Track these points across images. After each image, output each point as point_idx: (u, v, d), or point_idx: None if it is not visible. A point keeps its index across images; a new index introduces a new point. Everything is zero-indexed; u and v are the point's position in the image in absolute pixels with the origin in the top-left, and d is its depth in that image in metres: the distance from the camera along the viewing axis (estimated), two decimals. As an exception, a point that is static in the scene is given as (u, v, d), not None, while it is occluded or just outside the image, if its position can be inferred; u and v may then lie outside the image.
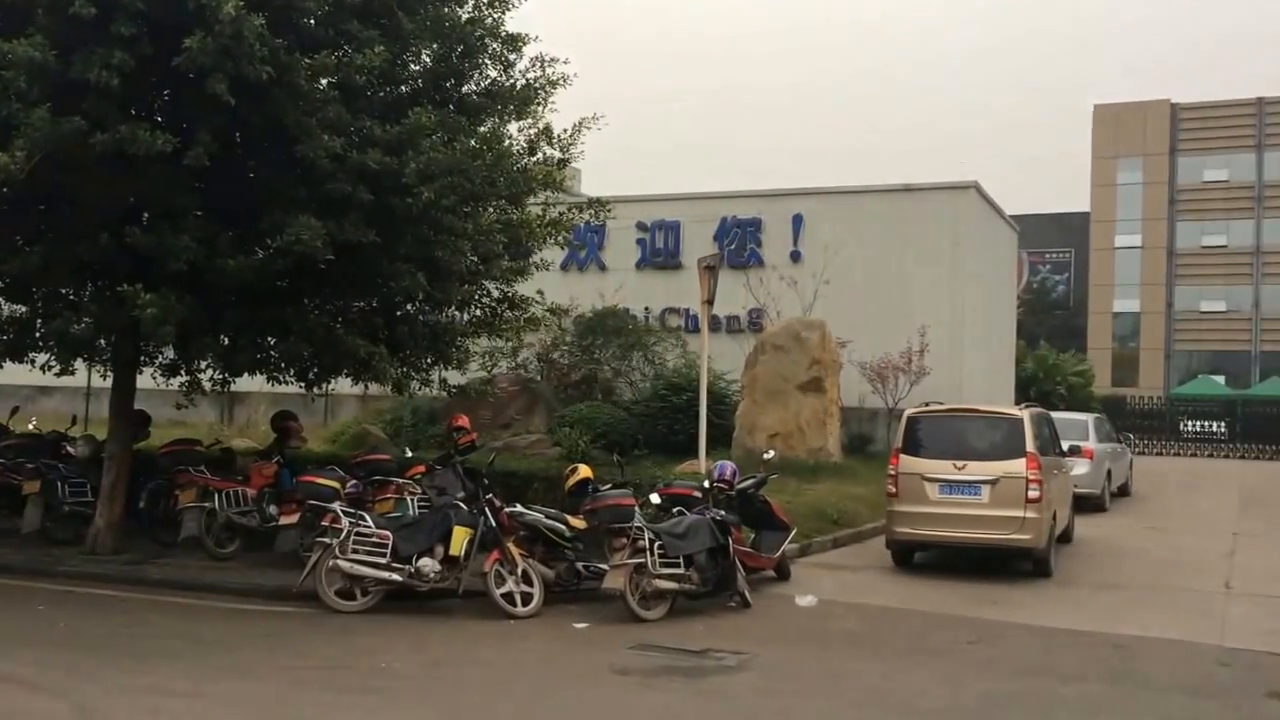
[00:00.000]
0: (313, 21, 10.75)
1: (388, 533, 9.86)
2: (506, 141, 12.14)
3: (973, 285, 24.04)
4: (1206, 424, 39.78)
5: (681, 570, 9.91)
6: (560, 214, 13.45)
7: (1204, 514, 19.14)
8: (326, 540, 9.78)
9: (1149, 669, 8.44)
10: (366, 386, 14.92)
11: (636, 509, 10.11)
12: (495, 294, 13.35)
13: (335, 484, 10.94)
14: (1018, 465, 11.91)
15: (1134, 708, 7.33)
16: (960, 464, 12.09)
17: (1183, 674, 8.32)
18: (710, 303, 15.67)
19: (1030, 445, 12.05)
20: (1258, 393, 51.31)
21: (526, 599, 9.86)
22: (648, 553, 9.72)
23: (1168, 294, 65.80)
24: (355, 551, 9.74)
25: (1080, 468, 17.04)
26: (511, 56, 12.27)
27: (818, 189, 25.04)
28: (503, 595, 9.77)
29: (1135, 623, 10.03)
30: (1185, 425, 40.18)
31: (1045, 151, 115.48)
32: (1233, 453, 36.97)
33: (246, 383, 14.06)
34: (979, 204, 24.94)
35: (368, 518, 10.10)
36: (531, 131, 12.58)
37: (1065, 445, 14.84)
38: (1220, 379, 58.81)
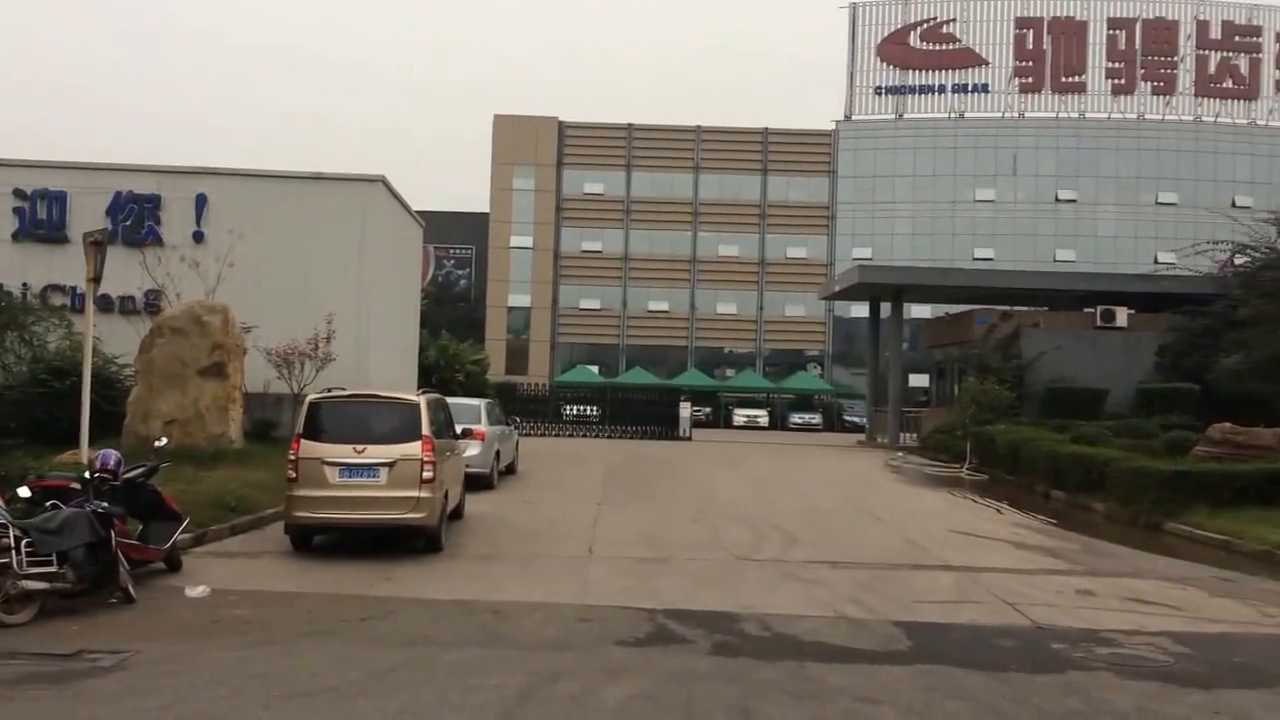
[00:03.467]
0: None
1: None
2: None
3: (380, 275, 24.62)
4: (583, 408, 44.37)
5: (55, 568, 9.10)
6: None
7: (576, 488, 21.29)
8: None
9: (520, 630, 9.25)
10: None
11: (1, 504, 9.12)
12: None
13: None
14: (414, 448, 12.48)
15: (505, 666, 8.00)
16: (360, 448, 12.41)
17: (548, 632, 9.23)
18: (97, 280, 14.50)
19: (426, 429, 12.69)
20: (623, 381, 58.43)
21: None
22: (13, 551, 8.81)
23: (553, 292, 72.35)
24: None
25: (472, 449, 18.28)
26: None
27: (223, 170, 24.13)
28: None
29: (512, 589, 10.99)
30: (566, 409, 44.44)
31: (456, 153, 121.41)
32: (602, 433, 41.53)
33: None
34: (386, 198, 25.59)
35: None
36: None
37: (459, 428, 15.80)
38: (595, 369, 66.09)
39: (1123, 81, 70.17)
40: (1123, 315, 35.21)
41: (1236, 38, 70.32)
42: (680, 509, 18.28)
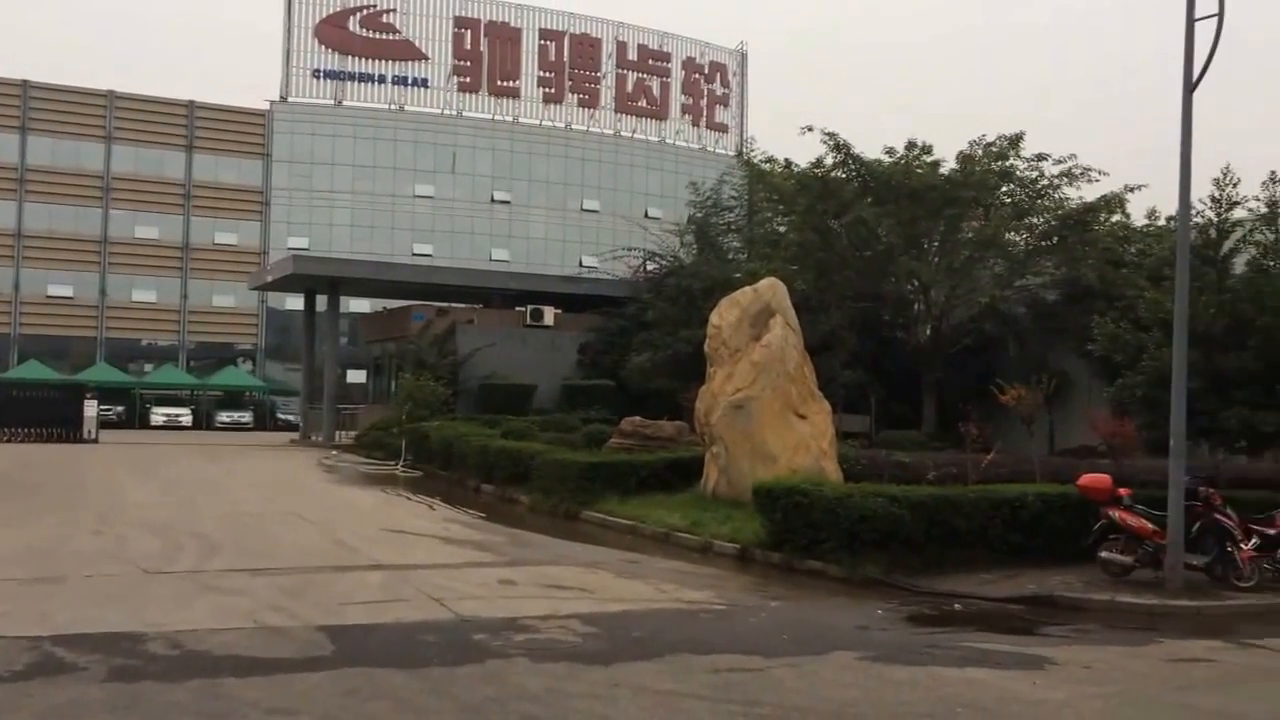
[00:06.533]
0: None
1: None
2: None
3: None
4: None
5: None
6: None
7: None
8: None
9: None
10: None
11: None
12: None
13: None
14: None
15: None
16: None
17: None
18: None
19: None
20: (14, 376, 51.46)
21: None
22: None
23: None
24: None
25: None
26: None
27: None
28: None
29: None
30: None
31: None
32: (-10, 437, 36.27)
33: None
34: None
35: None
36: None
37: None
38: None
39: (553, 91, 75.38)
40: (550, 314, 37.74)
41: (650, 61, 78.57)
42: (80, 520, 16.42)
